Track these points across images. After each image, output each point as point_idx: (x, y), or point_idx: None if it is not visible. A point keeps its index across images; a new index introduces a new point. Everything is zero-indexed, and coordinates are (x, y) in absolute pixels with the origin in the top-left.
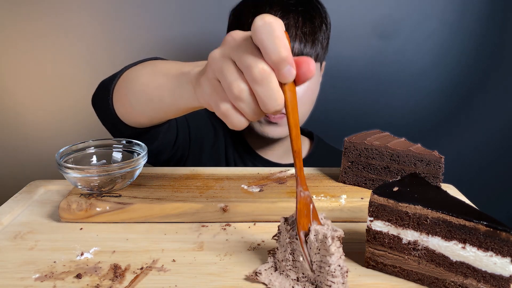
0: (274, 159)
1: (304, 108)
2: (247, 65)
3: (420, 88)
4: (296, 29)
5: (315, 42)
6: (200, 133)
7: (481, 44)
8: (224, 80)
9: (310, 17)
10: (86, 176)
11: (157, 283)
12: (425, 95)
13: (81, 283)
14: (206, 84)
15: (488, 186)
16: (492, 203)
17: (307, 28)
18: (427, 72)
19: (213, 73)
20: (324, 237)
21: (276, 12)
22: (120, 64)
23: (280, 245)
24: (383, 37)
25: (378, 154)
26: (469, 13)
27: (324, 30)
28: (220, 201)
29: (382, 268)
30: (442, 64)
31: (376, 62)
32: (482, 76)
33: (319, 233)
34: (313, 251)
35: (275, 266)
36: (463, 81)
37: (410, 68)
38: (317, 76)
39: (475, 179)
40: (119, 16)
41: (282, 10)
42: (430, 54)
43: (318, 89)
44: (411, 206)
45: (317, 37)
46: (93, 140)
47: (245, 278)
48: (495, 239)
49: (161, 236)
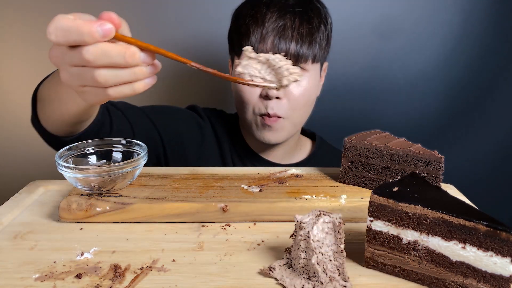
0: (275, 160)
1: (304, 109)
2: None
3: (421, 88)
4: (293, 30)
5: (313, 43)
6: (177, 131)
7: (483, 44)
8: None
9: (308, 18)
10: (86, 176)
11: (157, 283)
12: (426, 95)
13: (81, 283)
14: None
15: (488, 186)
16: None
17: (304, 29)
18: (429, 73)
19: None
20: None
21: (273, 13)
22: None
23: (295, 243)
24: (384, 37)
25: (378, 154)
26: (472, 13)
27: (322, 31)
28: (220, 201)
29: (382, 268)
30: (444, 64)
31: (377, 62)
32: (484, 76)
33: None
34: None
35: (289, 264)
36: (465, 82)
37: (411, 68)
38: (315, 78)
39: (475, 179)
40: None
41: (279, 10)
42: (431, 54)
43: (319, 90)
44: (411, 206)
45: (314, 38)
46: (93, 140)
47: (258, 272)
48: (495, 239)
49: (161, 236)
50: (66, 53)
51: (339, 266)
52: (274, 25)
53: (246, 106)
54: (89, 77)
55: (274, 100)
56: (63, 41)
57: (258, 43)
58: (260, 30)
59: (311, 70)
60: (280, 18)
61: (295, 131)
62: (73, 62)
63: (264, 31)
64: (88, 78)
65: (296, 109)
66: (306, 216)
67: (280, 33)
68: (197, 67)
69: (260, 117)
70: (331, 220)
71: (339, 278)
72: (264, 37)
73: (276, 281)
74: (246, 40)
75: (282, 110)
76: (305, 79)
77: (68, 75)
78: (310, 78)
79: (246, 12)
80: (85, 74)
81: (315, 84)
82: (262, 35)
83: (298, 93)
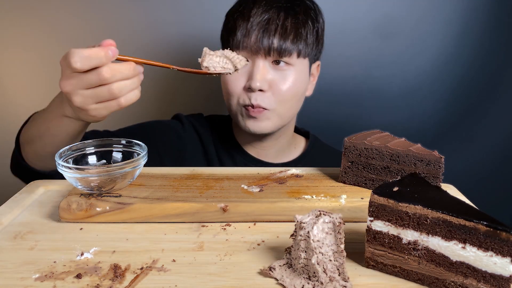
0: (268, 158)
1: (290, 103)
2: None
3: (421, 88)
4: (277, 24)
5: (297, 38)
6: (153, 144)
7: (484, 45)
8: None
9: (294, 13)
10: (86, 176)
11: (157, 283)
12: (426, 96)
13: (81, 283)
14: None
15: (488, 186)
16: (493, 203)
17: (288, 23)
18: (429, 73)
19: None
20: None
21: (259, 8)
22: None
23: (295, 243)
24: (384, 37)
25: (378, 154)
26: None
27: (309, 27)
28: (220, 201)
29: (382, 268)
30: (444, 65)
31: (377, 63)
32: (485, 77)
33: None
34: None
35: (289, 264)
36: (465, 82)
37: (411, 69)
38: (302, 73)
39: (475, 179)
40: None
41: (265, 5)
42: (432, 55)
43: (310, 89)
44: (411, 206)
45: (299, 32)
46: (93, 140)
47: (258, 272)
48: (495, 239)
49: (161, 236)
50: (82, 78)
51: (339, 266)
52: (259, 19)
53: (231, 97)
54: (106, 92)
55: (258, 92)
56: (87, 66)
57: (243, 37)
58: (245, 25)
59: (296, 65)
60: (265, 12)
61: (281, 124)
62: (91, 84)
63: (249, 25)
64: (104, 93)
65: (281, 102)
66: (306, 216)
67: (264, 27)
68: (178, 69)
69: (244, 108)
70: (331, 220)
71: (339, 278)
72: (249, 31)
73: (276, 281)
74: (233, 35)
75: (266, 102)
76: (291, 73)
77: (82, 98)
78: (296, 73)
79: (235, 9)
80: (101, 91)
81: (303, 80)
82: (247, 30)
83: (283, 87)
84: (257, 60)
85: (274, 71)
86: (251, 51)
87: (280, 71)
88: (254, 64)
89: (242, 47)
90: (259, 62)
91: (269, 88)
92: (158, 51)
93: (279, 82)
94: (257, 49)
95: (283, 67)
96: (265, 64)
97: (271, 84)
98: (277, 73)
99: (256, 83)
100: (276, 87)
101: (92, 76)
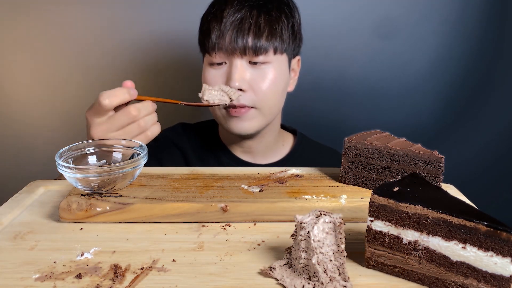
0: (258, 158)
1: (272, 100)
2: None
3: (421, 88)
4: (250, 23)
5: (272, 35)
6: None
7: (482, 44)
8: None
9: (267, 10)
10: (86, 176)
11: (157, 283)
12: (426, 96)
13: (81, 283)
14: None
15: (488, 186)
16: (493, 203)
17: (262, 21)
18: (428, 72)
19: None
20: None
21: (231, 8)
22: (119, 64)
23: (295, 243)
24: (383, 37)
25: (378, 154)
26: (469, 13)
27: (284, 22)
28: (220, 201)
29: (382, 268)
30: (443, 64)
31: (375, 63)
32: (483, 76)
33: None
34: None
35: (289, 264)
36: (465, 82)
37: (410, 68)
38: (280, 69)
39: (476, 180)
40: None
41: (237, 4)
42: (430, 54)
43: (292, 84)
44: (412, 206)
45: (274, 29)
46: (93, 140)
47: (259, 272)
48: (495, 239)
49: (161, 236)
50: (113, 121)
51: (339, 266)
52: (232, 19)
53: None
54: (136, 127)
55: (239, 91)
56: (116, 102)
57: (218, 39)
58: (219, 26)
59: (274, 61)
60: (238, 12)
61: (266, 122)
62: (121, 125)
63: (222, 26)
64: (134, 129)
65: (263, 100)
66: (307, 216)
67: (238, 27)
68: (185, 104)
69: (225, 110)
70: (332, 220)
71: (339, 278)
72: (223, 33)
73: (276, 281)
74: (208, 38)
75: (248, 100)
76: (270, 71)
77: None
78: (275, 70)
79: (209, 11)
80: (131, 128)
81: (282, 77)
82: (221, 31)
83: (263, 85)
84: (234, 60)
85: (252, 69)
86: (227, 52)
87: (258, 69)
88: (231, 65)
89: (218, 49)
90: (236, 62)
91: (249, 87)
92: (155, 48)
93: (258, 80)
94: (232, 49)
95: (261, 65)
96: (242, 64)
97: (250, 83)
98: (255, 72)
99: (235, 83)
100: (256, 86)
101: (122, 116)
